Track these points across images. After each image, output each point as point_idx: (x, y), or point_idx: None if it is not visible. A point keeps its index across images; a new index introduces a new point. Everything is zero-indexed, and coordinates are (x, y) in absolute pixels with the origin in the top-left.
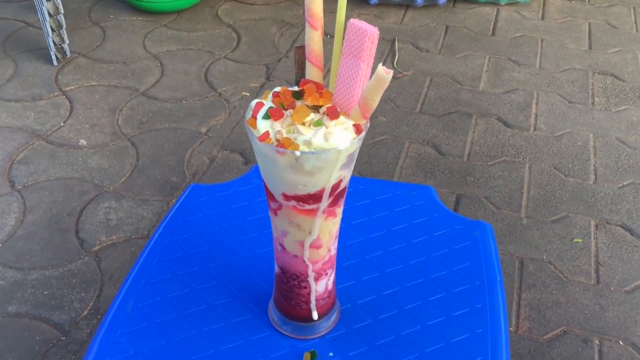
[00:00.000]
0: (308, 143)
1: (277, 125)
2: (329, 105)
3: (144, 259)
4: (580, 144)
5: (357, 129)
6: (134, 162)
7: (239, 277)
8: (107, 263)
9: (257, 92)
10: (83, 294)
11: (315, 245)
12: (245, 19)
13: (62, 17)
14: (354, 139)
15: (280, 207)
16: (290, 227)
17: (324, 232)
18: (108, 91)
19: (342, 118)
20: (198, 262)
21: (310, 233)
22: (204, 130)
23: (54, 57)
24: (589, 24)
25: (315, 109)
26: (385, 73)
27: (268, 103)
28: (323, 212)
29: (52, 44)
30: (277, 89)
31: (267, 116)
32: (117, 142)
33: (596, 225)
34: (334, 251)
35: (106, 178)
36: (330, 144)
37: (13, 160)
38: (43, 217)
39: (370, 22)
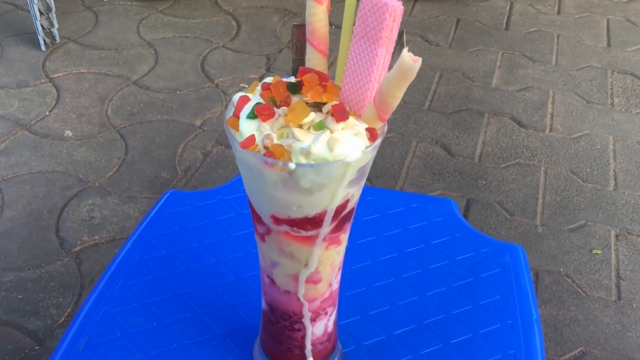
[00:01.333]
0: (306, 152)
1: (266, 128)
2: (334, 102)
3: (105, 281)
4: (599, 147)
5: (372, 134)
6: (122, 156)
7: (219, 308)
8: (88, 265)
9: None
10: (60, 299)
11: (312, 280)
12: (246, 7)
13: (52, 0)
14: (367, 147)
15: (268, 232)
16: (281, 257)
17: (325, 263)
18: (98, 79)
19: (351, 120)
20: (170, 288)
21: (306, 265)
22: (198, 123)
23: (42, 41)
24: (608, 20)
25: (317, 107)
26: (412, 61)
27: (255, 98)
28: (324, 239)
29: (40, 28)
30: (269, 79)
31: (253, 115)
32: (105, 134)
33: (617, 236)
34: (336, 285)
35: (91, 172)
36: (335, 154)
37: None
38: (22, 213)
39: None
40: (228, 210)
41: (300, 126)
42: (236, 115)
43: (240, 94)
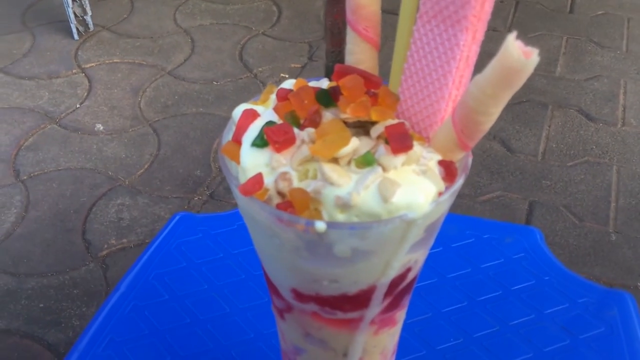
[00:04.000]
0: (344, 204)
1: (282, 162)
2: (390, 121)
3: (91, 335)
4: None
5: (448, 171)
6: (154, 152)
7: None
8: (115, 271)
9: (298, 74)
10: (84, 309)
11: None
12: None
13: None
14: (442, 194)
15: (289, 309)
16: (307, 344)
17: (372, 352)
18: (131, 69)
19: (417, 149)
20: (168, 345)
21: (345, 355)
22: None
23: (74, 30)
24: None
25: (363, 128)
26: (523, 55)
27: (267, 113)
28: (371, 322)
29: (72, 16)
30: (289, 83)
31: (261, 141)
32: (138, 127)
33: None
34: None
35: (122, 169)
36: (391, 206)
37: (20, 145)
38: (47, 213)
39: None
40: (249, 242)
41: (336, 160)
42: (236, 140)
43: (243, 105)
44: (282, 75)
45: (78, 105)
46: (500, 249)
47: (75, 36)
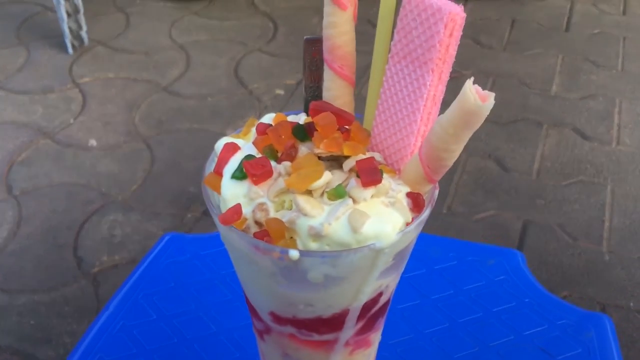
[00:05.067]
0: (317, 234)
1: (259, 194)
2: (361, 156)
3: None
4: None
5: (415, 202)
6: (147, 168)
7: None
8: (106, 289)
9: (293, 91)
10: (75, 326)
11: None
12: (284, 7)
13: (79, 0)
14: (409, 225)
15: (268, 330)
16: None
17: None
18: (126, 85)
19: (386, 182)
20: None
21: None
22: (230, 132)
23: (69, 45)
24: None
25: (335, 161)
26: (479, 100)
27: (247, 147)
28: (346, 344)
29: (67, 31)
30: (268, 117)
31: (240, 174)
32: (131, 143)
33: None
34: None
35: (115, 185)
36: (360, 236)
37: (13, 161)
38: (39, 229)
39: None
40: None
41: (310, 192)
42: (218, 172)
43: (225, 139)
44: (277, 91)
45: (72, 121)
46: (483, 271)
47: (70, 51)
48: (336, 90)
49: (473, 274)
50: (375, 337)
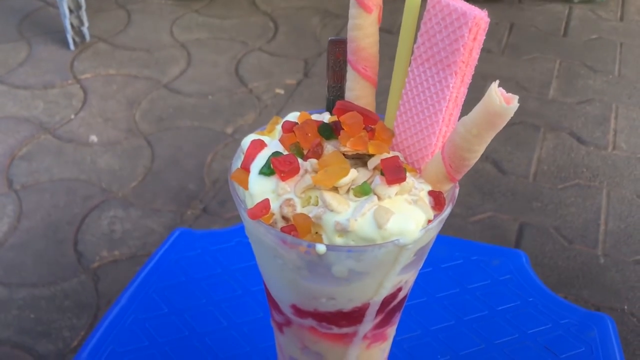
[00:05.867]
0: (343, 229)
1: (287, 189)
2: (386, 155)
3: (90, 349)
4: None
5: (437, 200)
6: (148, 164)
7: None
8: (106, 284)
9: (293, 91)
10: (75, 321)
11: None
12: (285, 7)
13: None
14: (431, 222)
15: (288, 323)
16: (304, 356)
17: None
18: (127, 82)
19: (409, 180)
20: (168, 359)
21: None
22: (229, 131)
23: (70, 40)
24: None
25: (359, 160)
26: (504, 102)
27: (273, 144)
28: (364, 337)
29: (69, 27)
30: (293, 115)
31: (268, 170)
32: (132, 140)
33: None
34: None
35: (115, 181)
36: (385, 232)
37: (14, 155)
38: (40, 224)
39: None
40: (247, 258)
41: (336, 189)
42: (245, 168)
43: (252, 136)
44: (277, 90)
45: (73, 116)
46: (488, 271)
47: (72, 47)
48: (359, 90)
49: (478, 273)
50: (391, 331)
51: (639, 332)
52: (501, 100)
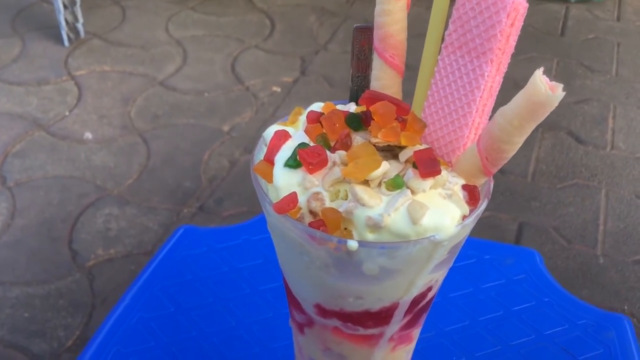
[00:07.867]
0: (375, 225)
1: (315, 183)
2: (419, 147)
3: (95, 349)
4: None
5: (472, 195)
6: (143, 162)
7: None
8: (101, 282)
9: (290, 88)
10: (69, 320)
11: None
12: (281, 4)
13: None
14: (466, 217)
15: (310, 323)
16: (325, 358)
17: None
18: (122, 78)
19: (443, 173)
20: (175, 359)
21: None
22: (226, 128)
23: (65, 37)
24: None
25: (390, 152)
26: (549, 89)
27: (298, 135)
28: (390, 339)
29: (63, 22)
30: (317, 105)
31: (295, 162)
32: (127, 137)
33: None
34: None
35: (110, 179)
36: (420, 227)
37: (8, 152)
38: (34, 221)
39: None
40: (254, 256)
41: (367, 182)
42: (269, 160)
43: (275, 127)
44: (274, 88)
45: (67, 113)
46: (502, 270)
47: (66, 43)
48: (386, 80)
49: (492, 272)
50: (417, 333)
51: (639, 332)
52: (546, 89)
